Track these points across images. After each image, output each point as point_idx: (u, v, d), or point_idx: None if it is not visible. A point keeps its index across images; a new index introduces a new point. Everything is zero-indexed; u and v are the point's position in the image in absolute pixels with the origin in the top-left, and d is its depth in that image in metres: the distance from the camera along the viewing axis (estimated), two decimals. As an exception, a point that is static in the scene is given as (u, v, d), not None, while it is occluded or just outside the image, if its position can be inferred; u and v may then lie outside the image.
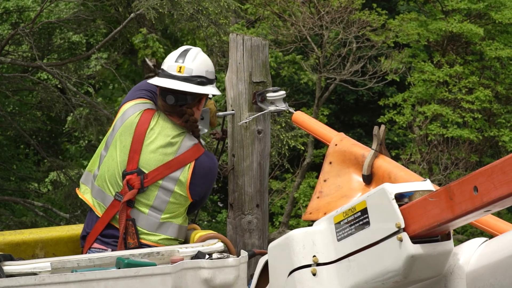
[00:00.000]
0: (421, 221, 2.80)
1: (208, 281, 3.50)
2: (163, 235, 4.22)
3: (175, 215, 4.27)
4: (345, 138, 4.84)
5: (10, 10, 16.03)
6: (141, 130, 4.28)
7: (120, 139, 4.29)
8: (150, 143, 4.25)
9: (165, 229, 4.23)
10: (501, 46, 17.72)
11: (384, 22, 17.85)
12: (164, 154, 4.25)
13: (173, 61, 4.36)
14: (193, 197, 4.32)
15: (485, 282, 2.81)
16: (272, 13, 17.64)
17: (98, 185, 4.29)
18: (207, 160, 4.36)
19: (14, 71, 15.82)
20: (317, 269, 3.12)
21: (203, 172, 4.32)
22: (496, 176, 2.50)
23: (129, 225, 4.18)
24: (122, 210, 4.18)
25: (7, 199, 15.51)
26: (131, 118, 4.32)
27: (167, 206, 4.24)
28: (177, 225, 4.27)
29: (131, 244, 4.16)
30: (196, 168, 4.28)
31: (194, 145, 4.32)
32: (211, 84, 4.41)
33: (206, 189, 4.39)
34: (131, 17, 12.35)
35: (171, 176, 4.24)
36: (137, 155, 4.24)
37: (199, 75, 4.34)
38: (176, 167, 4.25)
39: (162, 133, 4.28)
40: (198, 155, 4.30)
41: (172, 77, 4.31)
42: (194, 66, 4.34)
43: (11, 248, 4.14)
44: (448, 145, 17.33)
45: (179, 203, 4.27)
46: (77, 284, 3.33)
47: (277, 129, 11.89)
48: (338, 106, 22.72)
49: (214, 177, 4.42)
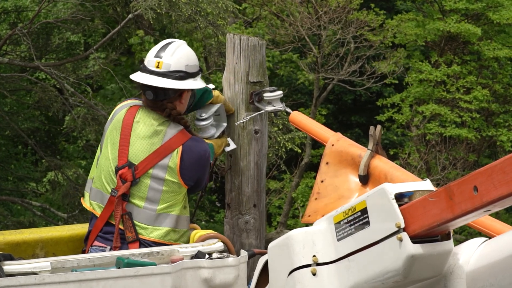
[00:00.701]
0: (421, 221, 2.81)
1: (208, 280, 3.50)
2: (161, 227, 4.21)
3: (171, 205, 4.26)
4: (342, 138, 4.84)
5: (8, 10, 16.02)
6: (127, 124, 4.32)
7: (110, 137, 4.34)
8: (136, 135, 4.29)
9: (162, 220, 4.22)
10: (499, 46, 17.73)
11: (382, 22, 17.85)
12: (151, 143, 4.26)
13: (153, 56, 4.38)
14: (187, 183, 4.31)
15: (484, 282, 2.82)
16: (270, 13, 17.65)
17: (96, 187, 4.32)
18: (195, 144, 4.35)
19: (11, 70, 15.81)
20: (317, 269, 3.12)
21: (192, 155, 4.30)
22: (496, 176, 2.51)
23: (125, 219, 4.19)
24: (117, 204, 4.20)
25: (4, 198, 15.50)
26: (119, 116, 4.38)
27: (161, 196, 4.24)
28: (174, 215, 4.25)
29: (130, 238, 4.17)
30: (184, 152, 4.27)
31: (179, 131, 4.33)
32: (192, 77, 4.41)
33: (200, 173, 4.37)
34: (129, 18, 12.35)
35: (160, 164, 4.24)
36: (126, 148, 4.27)
37: (177, 70, 4.35)
38: (164, 154, 4.25)
39: (146, 123, 4.31)
40: (185, 139, 4.31)
41: (151, 72, 4.34)
42: (172, 61, 4.35)
43: (11, 247, 4.14)
44: (446, 144, 17.34)
45: (173, 191, 4.26)
46: (77, 284, 3.33)
47: (275, 131, 11.88)
48: (336, 106, 22.73)
49: (205, 160, 4.39)
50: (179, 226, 4.28)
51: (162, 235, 4.21)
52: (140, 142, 4.27)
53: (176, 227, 4.26)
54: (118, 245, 4.18)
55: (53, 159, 15.13)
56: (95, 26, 15.93)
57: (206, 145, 4.45)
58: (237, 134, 5.18)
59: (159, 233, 4.21)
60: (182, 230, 4.30)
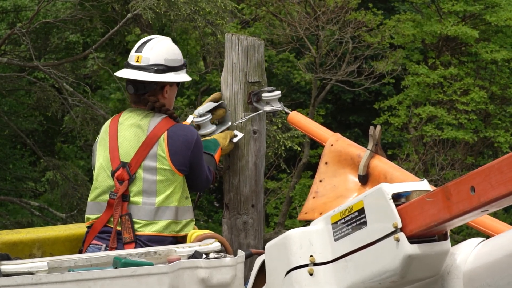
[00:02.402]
0: (418, 221, 2.81)
1: (205, 280, 3.50)
2: (161, 220, 4.22)
3: (169, 196, 4.25)
4: (340, 138, 4.85)
5: (7, 9, 16.01)
6: (113, 130, 4.36)
7: (100, 148, 4.38)
8: (123, 135, 4.31)
9: (161, 214, 4.22)
10: (497, 47, 17.74)
11: (380, 22, 17.86)
12: (137, 137, 4.28)
13: (134, 51, 4.45)
14: (179, 168, 4.29)
15: (482, 282, 2.81)
16: (268, 13, 17.65)
17: (92, 200, 4.33)
18: (180, 128, 4.35)
19: (10, 70, 15.80)
20: (314, 269, 3.12)
21: (178, 139, 4.29)
22: (493, 176, 2.50)
23: (124, 220, 4.19)
24: (117, 205, 4.20)
25: (3, 198, 15.50)
26: (104, 127, 4.44)
27: (157, 186, 4.24)
28: (174, 207, 4.25)
29: (127, 239, 4.16)
30: (169, 137, 4.27)
31: (162, 119, 4.33)
32: (174, 71, 4.44)
33: (191, 157, 4.33)
34: (127, 17, 12.34)
35: (150, 154, 4.25)
36: (116, 151, 4.29)
37: (156, 63, 4.39)
38: (152, 143, 4.26)
39: (130, 121, 4.34)
40: (169, 125, 4.30)
41: (131, 67, 4.40)
42: (151, 55, 4.40)
43: (8, 247, 4.14)
44: (444, 145, 17.35)
45: (167, 179, 4.26)
46: (74, 284, 3.32)
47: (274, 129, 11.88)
48: (334, 106, 22.74)
49: (193, 143, 4.34)
50: (179, 217, 4.28)
51: (162, 228, 4.21)
52: (127, 140, 4.30)
53: (176, 218, 4.26)
54: (114, 246, 4.17)
55: (51, 159, 15.13)
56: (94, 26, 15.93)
57: (192, 130, 4.41)
58: (235, 134, 5.19)
59: (159, 226, 4.21)
60: (184, 221, 4.30)
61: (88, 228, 4.32)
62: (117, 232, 4.20)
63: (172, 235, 4.23)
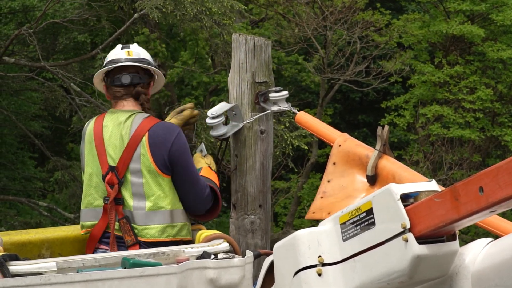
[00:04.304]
0: (426, 222, 2.80)
1: (213, 281, 3.50)
2: (155, 225, 4.16)
3: (159, 200, 4.19)
4: (349, 138, 4.84)
5: (15, 9, 16.04)
6: (98, 133, 4.33)
7: (88, 153, 4.35)
8: (108, 139, 4.28)
9: (153, 218, 4.17)
10: (504, 47, 17.71)
11: (388, 22, 17.86)
12: (121, 139, 4.25)
13: (119, 50, 4.49)
14: (161, 169, 4.21)
15: (490, 283, 2.81)
16: (276, 14, 17.66)
17: (87, 206, 4.31)
18: (161, 126, 4.28)
19: (19, 71, 15.83)
20: (323, 269, 3.12)
21: (159, 138, 4.23)
22: (502, 177, 2.50)
23: (123, 223, 4.16)
24: (110, 210, 4.18)
25: (12, 199, 15.54)
26: (88, 130, 4.40)
27: (144, 189, 4.18)
28: (166, 210, 4.19)
29: (129, 242, 4.14)
30: (150, 137, 4.21)
31: (144, 119, 4.29)
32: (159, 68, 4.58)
33: (170, 155, 4.22)
34: (134, 17, 12.36)
35: (134, 156, 4.21)
36: (104, 155, 4.26)
37: (146, 58, 4.48)
38: (135, 145, 4.21)
39: (114, 123, 4.31)
40: (150, 125, 4.25)
41: (123, 61, 4.42)
42: (140, 51, 4.50)
43: (17, 248, 4.15)
44: (452, 145, 17.32)
45: (154, 181, 4.19)
46: (83, 284, 3.33)
47: (281, 129, 11.88)
48: (343, 106, 22.73)
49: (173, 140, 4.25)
50: (175, 220, 4.23)
51: (158, 233, 4.17)
52: (113, 143, 4.26)
53: (171, 222, 4.21)
54: (115, 250, 4.15)
55: (59, 159, 15.15)
56: (101, 26, 15.95)
57: (174, 127, 4.34)
58: (242, 135, 5.19)
59: (154, 231, 4.17)
60: (179, 224, 4.25)
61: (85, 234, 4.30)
62: (118, 237, 4.18)
63: (169, 240, 4.18)
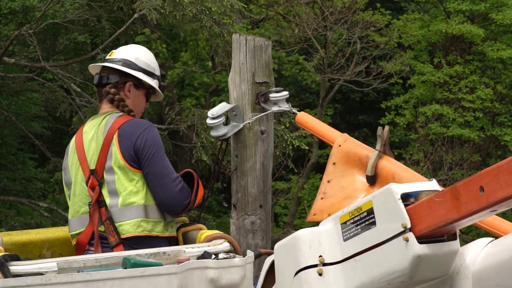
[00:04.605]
0: (427, 221, 2.81)
1: (214, 281, 3.50)
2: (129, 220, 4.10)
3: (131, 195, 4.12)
4: (348, 139, 4.85)
5: (15, 10, 16.04)
6: (79, 141, 4.31)
7: (72, 164, 4.32)
8: (87, 143, 4.25)
9: (127, 213, 4.11)
10: (503, 46, 17.71)
11: (388, 22, 17.87)
12: (97, 141, 4.21)
13: None
14: (131, 164, 4.13)
15: (490, 282, 2.81)
16: (276, 14, 17.67)
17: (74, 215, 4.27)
18: (131, 123, 4.22)
19: (20, 71, 15.84)
20: (323, 269, 3.12)
21: (127, 133, 4.17)
22: (502, 176, 2.50)
23: (107, 224, 4.11)
24: (93, 212, 4.14)
25: (12, 199, 15.54)
26: (71, 144, 4.39)
27: (116, 186, 4.13)
28: (140, 205, 4.12)
29: (113, 242, 4.08)
30: (119, 134, 4.16)
31: (118, 117, 4.25)
32: (141, 72, 4.38)
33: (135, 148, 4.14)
34: (134, 18, 12.37)
35: (108, 155, 4.16)
36: (85, 161, 4.23)
37: (125, 58, 4.39)
38: (109, 143, 4.17)
39: (92, 126, 4.28)
40: (121, 123, 4.20)
41: (104, 61, 4.46)
42: (122, 51, 4.44)
43: (18, 248, 4.15)
44: (452, 145, 17.33)
45: (125, 177, 4.13)
46: (83, 284, 3.33)
47: (281, 129, 11.89)
48: (343, 106, 22.74)
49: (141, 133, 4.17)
50: (149, 215, 4.15)
51: (132, 228, 4.11)
52: (91, 147, 4.23)
53: (146, 216, 4.13)
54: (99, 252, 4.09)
55: (60, 160, 15.13)
56: (102, 26, 15.96)
57: (144, 123, 4.26)
58: (243, 135, 5.20)
59: (129, 226, 4.10)
60: (154, 220, 4.16)
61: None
62: (104, 238, 4.13)
63: (145, 234, 4.11)
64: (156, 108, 17.70)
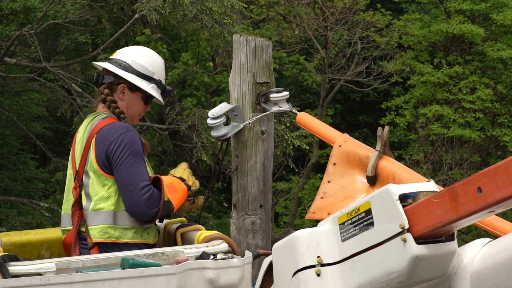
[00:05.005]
0: (425, 222, 2.81)
1: (212, 281, 3.51)
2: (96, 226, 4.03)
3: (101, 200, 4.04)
4: (349, 139, 4.85)
5: (17, 10, 16.05)
6: (74, 140, 4.28)
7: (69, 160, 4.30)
8: (77, 143, 4.22)
9: (95, 218, 4.03)
10: (504, 46, 17.70)
11: (389, 22, 17.87)
12: (82, 142, 4.17)
13: None
14: (104, 169, 4.04)
15: (489, 283, 2.82)
16: (277, 14, 17.68)
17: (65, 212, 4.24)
18: (110, 126, 4.10)
19: (21, 71, 15.85)
20: (322, 269, 3.13)
21: (103, 137, 4.07)
22: (500, 177, 2.51)
23: (86, 225, 4.07)
24: (73, 213, 4.11)
25: (13, 199, 15.55)
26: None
27: (90, 190, 4.06)
28: (109, 211, 4.03)
29: (90, 244, 4.04)
30: (96, 138, 4.08)
31: (102, 119, 4.17)
32: (139, 76, 4.27)
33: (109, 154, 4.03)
34: (134, 18, 12.38)
35: (87, 158, 4.10)
36: (74, 161, 4.20)
37: (122, 59, 4.28)
38: (88, 146, 4.11)
39: (83, 126, 4.24)
40: (102, 126, 4.11)
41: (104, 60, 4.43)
42: (123, 52, 4.35)
43: (17, 248, 4.15)
44: (452, 145, 17.32)
45: (98, 182, 4.05)
46: (82, 285, 3.33)
47: (282, 129, 11.90)
48: (343, 106, 22.74)
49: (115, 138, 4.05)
50: (118, 222, 4.05)
51: (99, 234, 4.03)
52: (78, 148, 4.19)
53: (114, 223, 4.04)
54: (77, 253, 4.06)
55: (61, 160, 15.16)
56: (102, 27, 15.97)
57: (121, 126, 4.12)
58: (243, 135, 5.20)
59: (96, 232, 4.04)
60: (124, 226, 4.06)
61: None
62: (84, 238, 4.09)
63: (112, 241, 4.02)
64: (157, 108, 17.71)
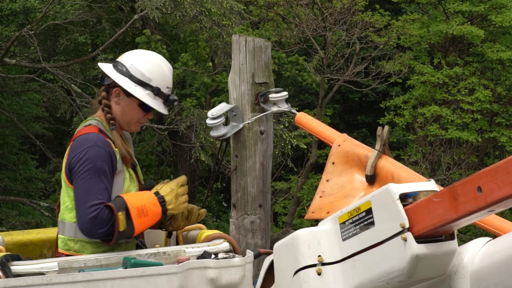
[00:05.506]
0: (425, 221, 2.82)
1: (214, 280, 3.52)
2: (60, 235, 3.90)
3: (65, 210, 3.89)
4: (348, 139, 4.87)
5: (16, 11, 16.05)
6: None
7: None
8: None
9: (62, 229, 3.90)
10: (503, 48, 17.69)
11: (387, 23, 17.87)
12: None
13: None
14: (68, 179, 3.88)
15: (489, 282, 2.83)
16: (276, 15, 17.69)
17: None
18: (81, 137, 3.87)
19: (20, 72, 15.85)
20: (322, 268, 3.14)
21: (72, 149, 3.86)
22: (500, 177, 2.52)
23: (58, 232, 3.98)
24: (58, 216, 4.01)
25: (13, 199, 15.54)
26: None
27: (62, 199, 3.93)
28: (70, 223, 3.85)
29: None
30: (70, 148, 3.89)
31: (83, 127, 3.95)
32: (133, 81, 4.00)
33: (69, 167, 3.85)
34: (134, 18, 12.39)
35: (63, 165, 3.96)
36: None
37: (123, 63, 4.06)
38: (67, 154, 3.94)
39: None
40: (78, 135, 3.91)
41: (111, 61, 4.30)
42: (126, 55, 4.13)
43: (19, 248, 4.16)
44: (450, 145, 17.32)
45: (65, 191, 3.90)
46: (84, 284, 3.35)
47: (281, 128, 11.91)
48: (342, 106, 22.75)
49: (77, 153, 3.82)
50: (78, 235, 3.83)
51: (61, 244, 3.89)
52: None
53: (75, 236, 3.84)
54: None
55: (60, 160, 15.11)
56: (102, 27, 15.96)
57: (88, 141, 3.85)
58: (242, 135, 5.21)
59: (60, 242, 3.90)
60: (85, 240, 3.84)
61: None
62: None
63: (71, 254, 3.81)
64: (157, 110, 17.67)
